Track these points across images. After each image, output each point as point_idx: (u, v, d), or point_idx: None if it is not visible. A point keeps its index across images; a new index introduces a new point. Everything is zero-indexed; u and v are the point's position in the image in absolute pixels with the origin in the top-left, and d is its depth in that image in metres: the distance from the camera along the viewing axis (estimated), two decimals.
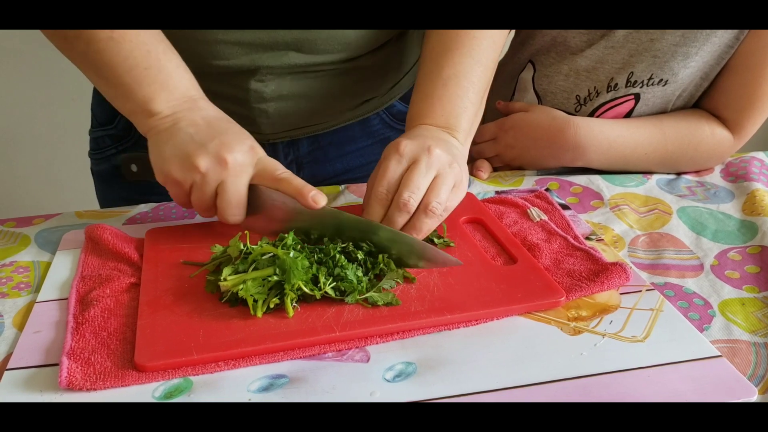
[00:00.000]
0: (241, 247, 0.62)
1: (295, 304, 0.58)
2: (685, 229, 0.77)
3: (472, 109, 0.74)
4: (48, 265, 0.69)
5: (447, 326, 0.58)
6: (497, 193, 0.83)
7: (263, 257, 0.60)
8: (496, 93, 0.87)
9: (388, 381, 0.53)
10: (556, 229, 0.73)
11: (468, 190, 0.72)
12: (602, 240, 0.73)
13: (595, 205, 0.82)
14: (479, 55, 0.75)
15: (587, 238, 0.73)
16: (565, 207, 0.79)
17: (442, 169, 0.66)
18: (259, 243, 0.63)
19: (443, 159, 0.66)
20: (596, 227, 0.77)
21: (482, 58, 0.75)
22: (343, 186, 0.86)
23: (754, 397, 0.51)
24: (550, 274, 0.65)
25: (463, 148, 0.73)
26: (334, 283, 0.59)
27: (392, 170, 0.66)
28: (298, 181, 0.65)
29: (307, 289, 0.58)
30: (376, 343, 0.56)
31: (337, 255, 0.61)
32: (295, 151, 0.92)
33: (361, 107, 0.91)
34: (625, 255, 0.72)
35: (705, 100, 0.91)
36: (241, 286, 0.57)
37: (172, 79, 0.67)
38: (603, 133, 0.87)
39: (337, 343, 0.56)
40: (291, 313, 0.57)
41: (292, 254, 0.59)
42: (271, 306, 0.58)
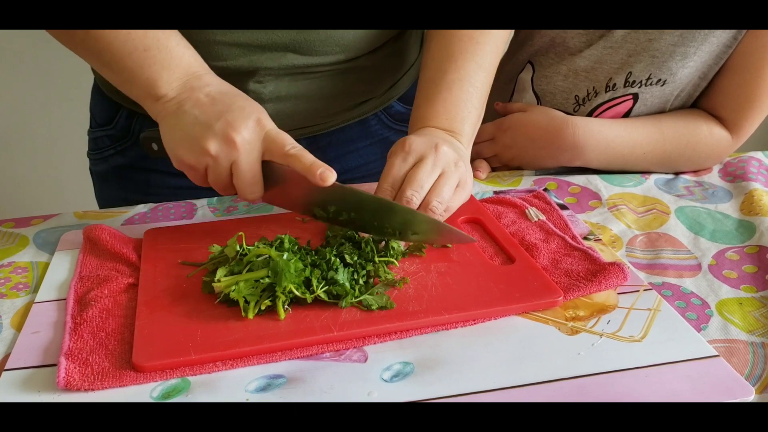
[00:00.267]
0: (238, 248, 0.62)
1: (287, 306, 0.58)
2: (683, 229, 0.77)
3: (475, 114, 0.75)
4: (46, 265, 0.69)
5: (445, 326, 0.58)
6: (495, 193, 0.83)
7: (258, 259, 0.60)
8: (495, 94, 0.87)
9: (386, 381, 0.53)
10: (554, 229, 0.73)
11: None
12: (600, 240, 0.73)
13: (593, 205, 0.82)
14: (482, 60, 0.75)
15: (585, 238, 0.73)
16: (563, 207, 0.79)
17: (448, 167, 0.66)
18: (256, 244, 0.63)
19: (450, 157, 0.66)
20: (594, 227, 0.77)
21: (485, 64, 0.76)
22: None
23: (751, 397, 0.52)
24: (548, 273, 0.65)
25: (467, 152, 0.73)
26: (327, 287, 0.59)
27: (397, 167, 0.66)
28: (307, 157, 0.63)
29: (298, 293, 0.58)
30: (374, 343, 0.56)
31: (332, 258, 0.61)
32: None
33: (359, 108, 0.91)
34: (623, 255, 0.72)
35: (703, 100, 0.91)
36: (234, 288, 0.57)
37: (173, 57, 0.66)
38: (601, 133, 0.87)
39: (334, 343, 0.56)
40: (282, 316, 0.57)
41: (285, 256, 0.59)
42: (263, 308, 0.58)
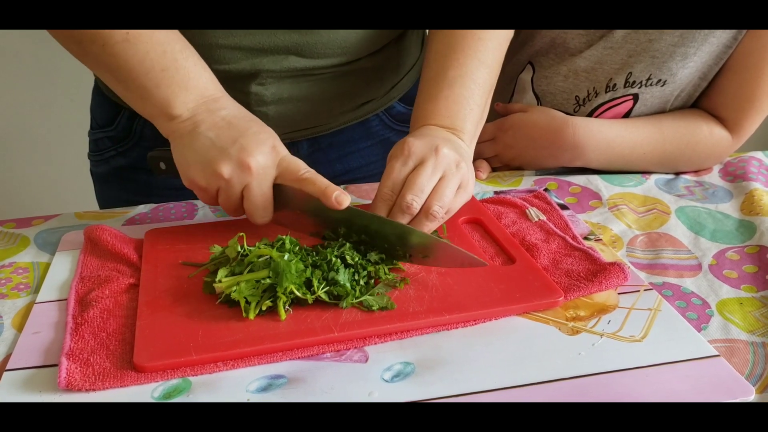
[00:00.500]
0: (239, 248, 0.62)
1: (288, 307, 0.58)
2: (684, 229, 0.77)
3: (478, 111, 0.74)
4: (47, 266, 0.69)
5: (445, 326, 0.58)
6: (496, 193, 0.83)
7: (259, 259, 0.60)
8: (495, 94, 0.86)
9: (387, 381, 0.53)
10: (555, 229, 0.73)
11: None
12: (600, 240, 0.73)
13: (594, 205, 0.82)
14: (484, 56, 0.75)
15: (586, 238, 0.73)
16: (564, 207, 0.79)
17: (449, 169, 0.66)
18: (257, 245, 0.63)
19: (451, 158, 0.66)
20: (595, 227, 0.77)
21: (487, 60, 0.75)
22: (342, 186, 0.86)
23: (752, 397, 0.52)
24: (549, 274, 0.65)
25: (469, 150, 0.73)
26: (328, 288, 0.59)
27: (397, 170, 0.66)
28: (321, 181, 0.64)
29: (299, 293, 0.58)
30: (375, 344, 0.56)
31: (333, 259, 0.61)
32: (295, 153, 0.91)
33: (361, 109, 0.92)
34: (623, 255, 0.72)
35: (703, 100, 0.91)
36: (235, 288, 0.57)
37: (191, 79, 0.66)
38: (601, 133, 0.87)
39: (335, 344, 0.56)
40: (283, 316, 0.57)
41: (286, 257, 0.59)
42: (264, 308, 0.58)
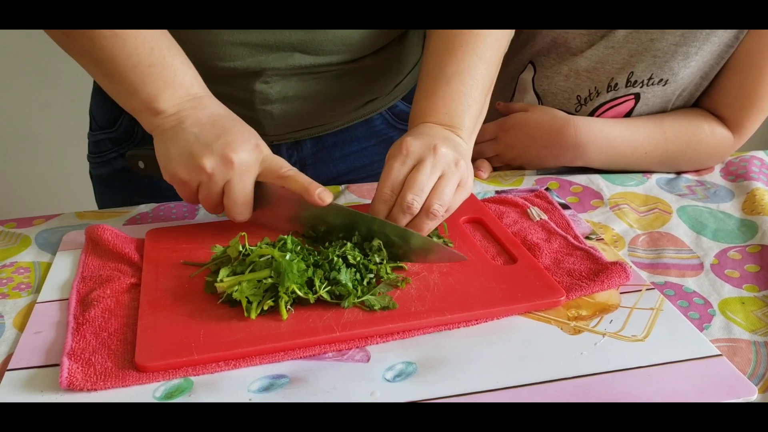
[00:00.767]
0: (240, 248, 0.62)
1: (289, 307, 0.58)
2: (685, 229, 0.77)
3: (476, 107, 0.73)
4: (48, 265, 0.69)
5: (447, 326, 0.58)
6: (497, 192, 0.83)
7: (261, 259, 0.60)
8: (496, 94, 0.87)
9: (389, 381, 0.53)
10: (556, 229, 0.73)
11: None
12: (602, 239, 0.73)
13: (595, 205, 0.82)
14: (483, 52, 0.74)
15: (587, 238, 0.73)
16: (565, 206, 0.79)
17: (448, 168, 0.66)
18: (258, 244, 0.63)
19: (449, 157, 0.66)
20: (596, 227, 0.77)
21: (486, 56, 0.74)
22: (343, 186, 0.86)
23: (755, 396, 0.51)
24: (550, 273, 0.65)
25: (468, 147, 0.72)
26: (329, 287, 0.59)
27: (396, 170, 0.66)
28: (303, 178, 0.65)
29: (301, 293, 0.58)
30: (377, 343, 0.56)
31: (335, 258, 0.61)
32: (298, 152, 0.92)
33: (364, 108, 0.91)
34: (625, 254, 0.72)
35: (705, 100, 0.91)
36: (236, 288, 0.57)
37: (177, 77, 0.67)
38: (603, 133, 0.87)
39: (337, 343, 0.56)
40: (285, 316, 0.57)
41: (288, 257, 0.59)
42: (265, 308, 0.57)
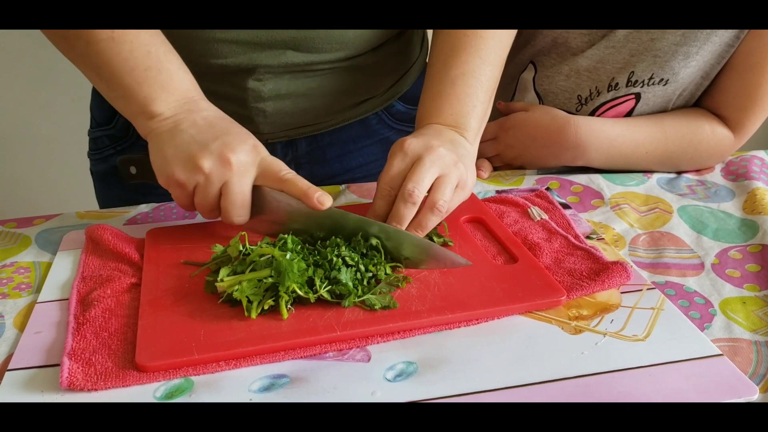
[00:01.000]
0: (241, 247, 0.62)
1: (290, 306, 0.58)
2: (686, 228, 0.77)
3: (481, 108, 0.74)
4: (49, 265, 0.69)
5: (448, 325, 0.58)
6: (498, 192, 0.83)
7: (261, 258, 0.60)
8: (497, 94, 0.87)
9: (389, 380, 0.53)
10: (557, 228, 0.73)
11: None
12: (603, 239, 0.73)
13: (596, 204, 0.82)
14: (487, 54, 0.75)
15: (588, 237, 0.73)
16: (566, 206, 0.79)
17: (446, 168, 0.66)
18: (259, 244, 0.62)
19: (447, 158, 0.66)
20: (597, 226, 0.77)
21: (490, 58, 0.75)
22: (343, 186, 0.86)
23: (756, 396, 0.51)
24: (551, 273, 0.65)
25: (472, 148, 0.73)
26: (330, 287, 0.59)
27: (396, 167, 0.66)
28: (302, 182, 0.65)
29: (301, 292, 0.58)
30: (377, 343, 0.56)
31: (335, 258, 0.61)
32: (293, 151, 0.92)
33: (360, 107, 0.91)
34: (625, 254, 0.72)
35: (705, 99, 0.91)
36: (237, 287, 0.57)
37: (173, 81, 0.67)
38: (603, 132, 0.87)
39: (337, 343, 0.56)
40: (285, 315, 0.57)
41: (288, 256, 0.59)
42: (266, 308, 0.57)
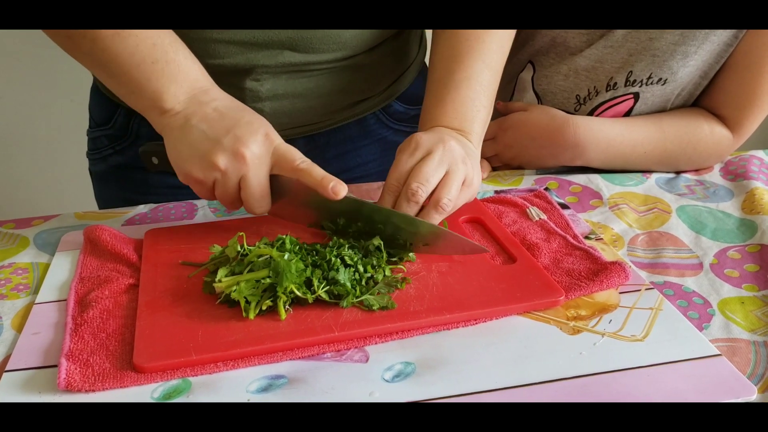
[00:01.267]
0: (239, 248, 0.62)
1: (288, 307, 0.58)
2: (685, 228, 0.77)
3: (484, 112, 0.75)
4: (47, 266, 0.69)
5: (446, 326, 0.58)
6: (496, 192, 0.83)
7: (259, 259, 0.60)
8: (497, 93, 0.87)
9: (387, 381, 0.53)
10: (556, 229, 0.73)
11: None
12: (601, 239, 0.73)
13: (595, 204, 0.82)
14: (488, 58, 0.75)
15: (586, 238, 0.73)
16: (565, 206, 0.79)
17: (454, 164, 0.66)
18: (257, 244, 0.63)
19: (457, 153, 0.66)
20: (595, 226, 0.77)
21: (491, 62, 0.76)
22: None
23: (754, 396, 0.51)
24: (550, 273, 0.65)
25: (476, 151, 0.73)
26: (328, 287, 0.59)
27: (404, 162, 0.66)
28: (317, 171, 0.64)
29: (299, 293, 0.58)
30: (375, 343, 0.56)
31: (333, 258, 0.61)
32: None
33: (358, 106, 0.91)
34: (624, 254, 0.72)
35: (704, 99, 0.91)
36: (235, 288, 0.57)
37: (181, 71, 0.66)
38: (602, 132, 0.87)
39: (335, 344, 0.56)
40: (283, 316, 0.57)
41: (286, 256, 0.59)
42: (264, 308, 0.57)
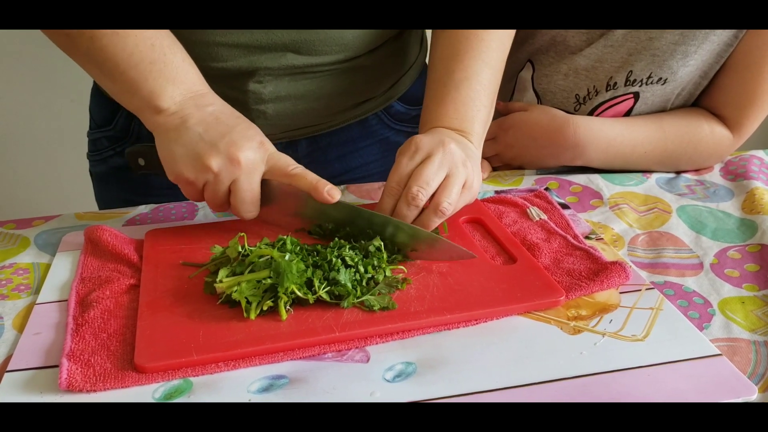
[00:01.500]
0: (240, 248, 0.62)
1: (288, 307, 0.58)
2: (685, 228, 0.77)
3: (485, 112, 0.74)
4: (48, 266, 0.69)
5: (447, 326, 0.58)
6: (497, 192, 0.83)
7: (260, 259, 0.60)
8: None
9: (388, 381, 0.53)
10: (556, 229, 0.73)
11: None
12: (602, 239, 0.73)
13: (595, 204, 0.82)
14: (488, 57, 0.75)
15: (587, 238, 0.73)
16: (565, 206, 0.79)
17: (455, 167, 0.66)
18: (258, 245, 0.63)
19: (457, 156, 0.66)
20: (596, 226, 0.77)
21: (491, 61, 0.75)
22: (342, 186, 0.86)
23: (754, 396, 0.51)
24: (550, 273, 0.65)
25: (477, 152, 0.73)
26: (329, 288, 0.59)
27: (404, 164, 0.66)
28: (311, 176, 0.65)
29: (300, 293, 0.58)
30: (376, 343, 0.56)
31: (334, 259, 0.61)
32: (293, 153, 0.92)
33: (360, 107, 0.91)
34: (624, 254, 0.72)
35: (704, 99, 0.91)
36: (236, 288, 0.57)
37: (178, 74, 0.66)
38: (602, 132, 0.87)
39: (336, 344, 0.56)
40: (284, 316, 0.57)
41: (287, 257, 0.59)
42: (265, 309, 0.57)
